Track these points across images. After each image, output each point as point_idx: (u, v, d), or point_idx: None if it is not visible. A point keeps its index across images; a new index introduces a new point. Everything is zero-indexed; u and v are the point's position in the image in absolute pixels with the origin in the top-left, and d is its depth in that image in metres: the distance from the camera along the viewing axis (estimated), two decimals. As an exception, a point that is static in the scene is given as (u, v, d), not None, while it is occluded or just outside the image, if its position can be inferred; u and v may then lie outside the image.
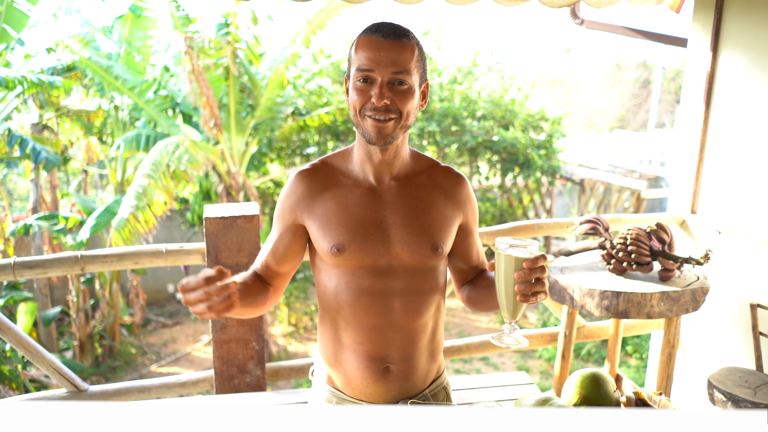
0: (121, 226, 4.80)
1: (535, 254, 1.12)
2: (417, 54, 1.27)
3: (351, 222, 1.31)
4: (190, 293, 1.11)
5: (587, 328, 3.14)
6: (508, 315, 1.16)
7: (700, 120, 3.03)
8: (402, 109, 1.25)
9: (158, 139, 5.93)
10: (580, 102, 16.44)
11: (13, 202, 9.15)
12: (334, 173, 1.37)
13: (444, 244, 1.37)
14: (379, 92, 1.22)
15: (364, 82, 1.24)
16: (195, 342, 7.08)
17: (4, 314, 4.98)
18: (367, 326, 1.35)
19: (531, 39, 22.86)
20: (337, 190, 1.35)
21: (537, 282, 1.12)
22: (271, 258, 1.41)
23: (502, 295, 1.15)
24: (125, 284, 7.37)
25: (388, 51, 1.23)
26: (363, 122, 1.26)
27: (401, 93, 1.24)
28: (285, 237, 1.39)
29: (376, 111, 1.23)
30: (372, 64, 1.23)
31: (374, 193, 1.34)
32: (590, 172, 8.39)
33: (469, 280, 1.50)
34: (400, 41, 1.24)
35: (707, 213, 3.07)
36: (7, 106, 5.91)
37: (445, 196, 1.39)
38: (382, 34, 1.24)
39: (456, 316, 7.68)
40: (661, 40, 3.28)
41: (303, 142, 7.46)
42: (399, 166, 1.36)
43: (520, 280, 1.11)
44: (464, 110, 7.56)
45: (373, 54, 1.23)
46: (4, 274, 2.21)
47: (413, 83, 1.26)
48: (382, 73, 1.23)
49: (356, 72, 1.25)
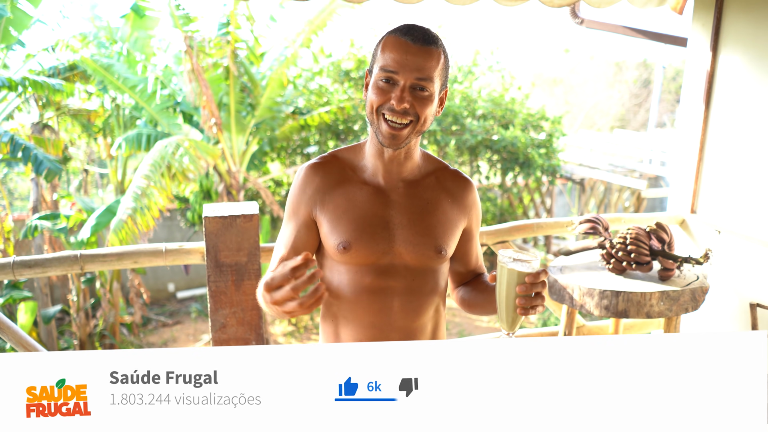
0: (118, 228, 4.80)
1: (537, 269, 1.13)
2: (443, 62, 1.26)
3: (359, 220, 1.31)
4: (276, 292, 1.06)
5: (587, 327, 3.14)
6: (506, 326, 1.18)
7: (699, 119, 3.03)
8: (420, 114, 1.24)
9: (159, 138, 5.93)
10: (580, 101, 16.44)
11: (13, 201, 9.15)
12: (344, 168, 1.36)
13: (447, 247, 1.37)
14: (400, 95, 1.22)
15: (387, 82, 1.23)
16: (195, 341, 7.08)
17: (4, 313, 4.99)
18: (367, 324, 1.35)
19: (531, 38, 22.85)
20: (348, 186, 1.34)
21: (537, 296, 1.14)
22: (292, 254, 1.35)
23: (503, 307, 1.16)
24: (126, 283, 7.38)
25: (415, 56, 1.22)
26: (378, 122, 1.25)
27: (421, 99, 1.24)
28: (302, 232, 1.36)
29: (394, 113, 1.23)
30: (397, 66, 1.22)
31: (382, 192, 1.34)
32: (590, 171, 8.39)
33: (465, 282, 1.51)
34: (429, 48, 1.23)
35: (707, 212, 3.07)
36: (8, 106, 5.92)
37: (452, 200, 1.39)
38: (412, 38, 1.23)
39: (457, 315, 7.68)
40: (660, 39, 3.27)
41: (303, 141, 7.46)
42: (409, 167, 1.36)
43: (521, 294, 1.13)
44: (464, 109, 7.56)
45: (400, 56, 1.22)
46: (4, 273, 2.21)
47: (434, 90, 1.25)
48: (406, 77, 1.22)
49: (380, 71, 1.24)
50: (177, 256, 2.40)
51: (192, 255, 2.42)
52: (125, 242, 4.79)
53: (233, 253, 2.33)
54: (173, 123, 6.21)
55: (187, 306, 8.12)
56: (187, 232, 8.07)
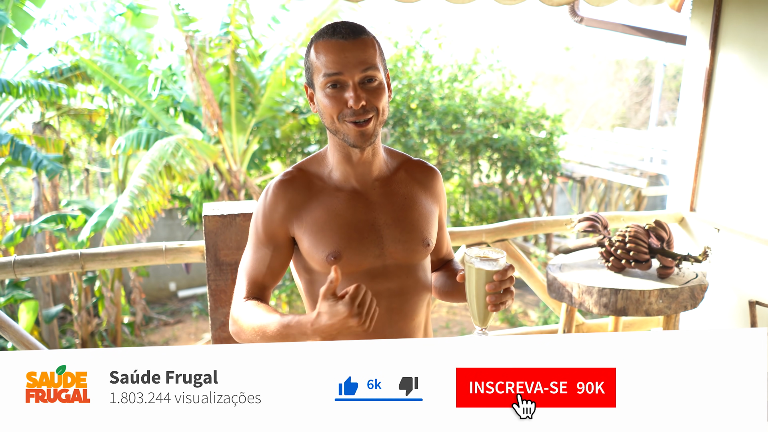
0: (115, 228, 4.79)
1: (504, 266, 1.15)
2: (378, 47, 1.24)
3: (344, 228, 1.28)
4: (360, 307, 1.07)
5: (586, 325, 3.14)
6: (478, 322, 1.20)
7: (699, 117, 3.03)
8: (378, 105, 1.22)
9: (159, 138, 5.94)
10: (581, 100, 16.43)
11: (15, 200, 9.17)
12: (312, 180, 1.32)
13: (432, 238, 1.37)
14: (355, 95, 1.18)
15: (334, 87, 1.20)
16: (197, 340, 7.09)
17: (6, 313, 5.01)
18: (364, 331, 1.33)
19: (531, 37, 22.84)
20: (322, 197, 1.30)
21: (506, 292, 1.15)
22: (269, 278, 1.32)
23: (473, 305, 1.19)
24: (127, 283, 7.39)
25: (352, 51, 1.19)
26: (343, 127, 1.22)
27: (374, 90, 1.21)
28: (281, 252, 1.32)
29: (356, 114, 1.20)
30: (340, 67, 1.19)
31: (360, 196, 1.32)
32: (591, 169, 8.39)
33: (435, 269, 1.51)
34: (361, 38, 1.21)
35: (706, 210, 3.07)
36: (10, 106, 5.93)
37: (424, 190, 1.39)
38: (342, 35, 1.20)
39: (458, 314, 7.69)
40: (660, 37, 3.27)
41: (304, 140, 7.47)
42: (378, 164, 1.34)
43: (490, 292, 1.15)
44: (465, 108, 7.56)
45: (338, 56, 1.19)
46: (5, 272, 2.22)
47: (382, 78, 1.23)
48: (352, 74, 1.19)
49: (324, 78, 1.20)
50: (177, 255, 2.41)
51: (192, 254, 2.43)
52: (122, 242, 4.79)
53: (233, 252, 2.34)
54: (174, 123, 6.22)
55: (188, 305, 8.14)
56: (188, 231, 8.09)
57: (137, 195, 5.00)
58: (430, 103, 7.38)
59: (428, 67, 7.90)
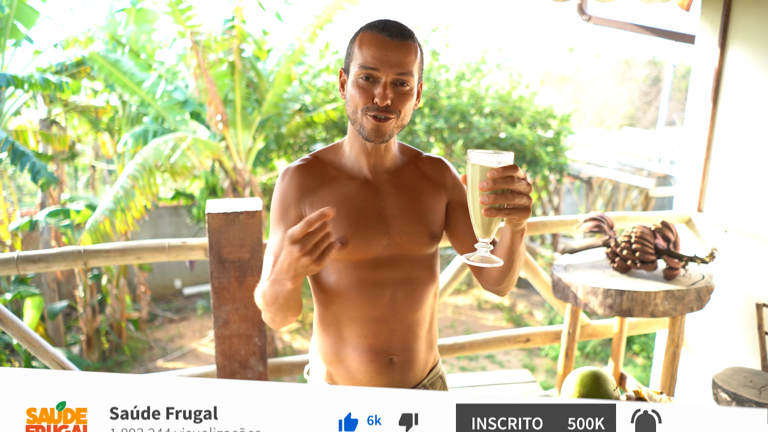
0: (93, 229, 4.76)
1: (504, 164, 1.02)
2: (419, 56, 1.27)
3: (353, 215, 1.32)
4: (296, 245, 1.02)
5: (591, 326, 3.12)
6: (479, 232, 1.09)
7: (707, 117, 3.01)
8: (401, 109, 1.25)
9: (165, 134, 5.94)
10: (589, 99, 16.36)
11: (22, 197, 9.21)
12: (327, 167, 1.36)
13: (439, 231, 1.39)
14: (383, 92, 1.22)
15: (367, 80, 1.23)
16: (201, 337, 7.10)
17: (11, 309, 5.02)
18: (372, 319, 1.35)
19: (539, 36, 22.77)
20: (335, 184, 1.34)
21: (510, 194, 1.02)
22: None
23: (471, 210, 1.08)
24: (132, 279, 7.42)
25: (394, 51, 1.22)
26: (362, 120, 1.26)
27: (402, 94, 1.24)
28: None
29: (378, 111, 1.23)
30: (378, 63, 1.22)
31: (371, 186, 1.35)
32: (598, 170, 8.35)
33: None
34: (407, 42, 1.24)
35: (714, 211, 3.05)
36: (16, 102, 5.95)
37: (432, 183, 1.41)
38: (389, 34, 1.23)
39: (463, 314, 7.67)
40: (668, 36, 3.25)
41: (310, 138, 7.46)
42: (390, 158, 1.38)
43: (484, 191, 1.01)
44: (472, 107, 7.53)
45: (379, 53, 1.22)
46: (8, 268, 2.22)
47: (414, 85, 1.26)
48: (387, 73, 1.22)
49: (359, 69, 1.24)
50: (180, 252, 2.41)
51: (195, 251, 2.42)
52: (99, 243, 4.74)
53: (236, 250, 2.33)
54: (180, 119, 6.22)
55: (193, 302, 8.16)
56: (193, 228, 8.10)
57: (121, 196, 4.96)
58: (437, 102, 7.36)
59: (435, 65, 7.89)
